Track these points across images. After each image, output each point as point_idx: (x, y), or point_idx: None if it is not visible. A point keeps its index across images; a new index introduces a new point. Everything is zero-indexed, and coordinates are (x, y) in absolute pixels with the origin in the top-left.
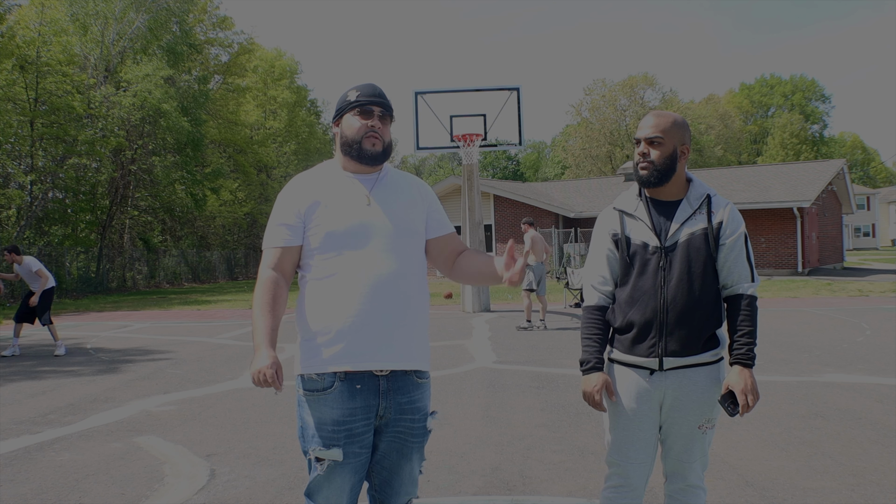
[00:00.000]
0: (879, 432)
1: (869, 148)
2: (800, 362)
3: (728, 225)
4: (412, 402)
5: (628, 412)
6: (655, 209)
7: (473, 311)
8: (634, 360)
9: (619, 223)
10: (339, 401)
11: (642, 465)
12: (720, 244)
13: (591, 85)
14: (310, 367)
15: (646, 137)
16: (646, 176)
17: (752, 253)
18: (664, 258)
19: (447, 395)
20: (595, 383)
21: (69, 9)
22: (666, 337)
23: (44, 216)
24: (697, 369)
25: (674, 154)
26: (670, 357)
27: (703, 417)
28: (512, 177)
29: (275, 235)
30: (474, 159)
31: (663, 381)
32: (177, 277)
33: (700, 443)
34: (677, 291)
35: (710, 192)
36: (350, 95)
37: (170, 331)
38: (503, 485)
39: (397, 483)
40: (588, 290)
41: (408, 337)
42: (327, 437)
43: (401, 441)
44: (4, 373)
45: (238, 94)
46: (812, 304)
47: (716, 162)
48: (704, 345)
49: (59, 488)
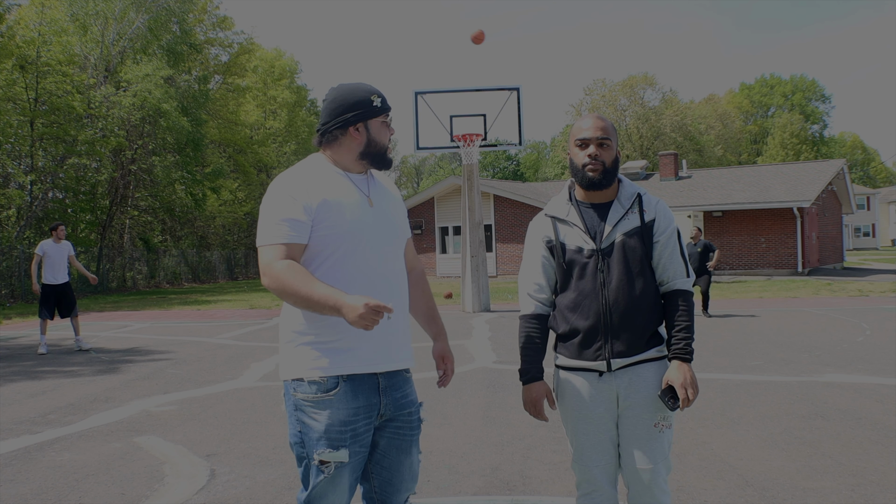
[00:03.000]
0: (879, 432)
1: (869, 148)
2: (800, 362)
3: (660, 222)
4: (406, 396)
5: (582, 417)
6: (588, 212)
7: (473, 311)
8: (582, 364)
9: (553, 229)
10: (344, 401)
11: (606, 467)
12: (654, 242)
13: (591, 85)
14: (311, 370)
15: (596, 139)
16: (597, 178)
17: (684, 248)
18: (601, 261)
19: (447, 395)
20: (535, 393)
21: (69, 9)
22: (612, 339)
23: (44, 216)
24: (646, 365)
25: (617, 156)
26: (617, 358)
27: (658, 415)
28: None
29: (277, 231)
30: (474, 159)
31: (613, 380)
32: (177, 277)
33: (658, 443)
34: (618, 293)
35: (639, 191)
36: (375, 101)
37: (170, 331)
38: (503, 485)
39: (398, 480)
40: (524, 298)
41: (403, 336)
42: (335, 439)
43: (399, 436)
44: (4, 373)
45: (238, 94)
46: (812, 304)
47: (716, 162)
48: (649, 342)
49: (59, 488)
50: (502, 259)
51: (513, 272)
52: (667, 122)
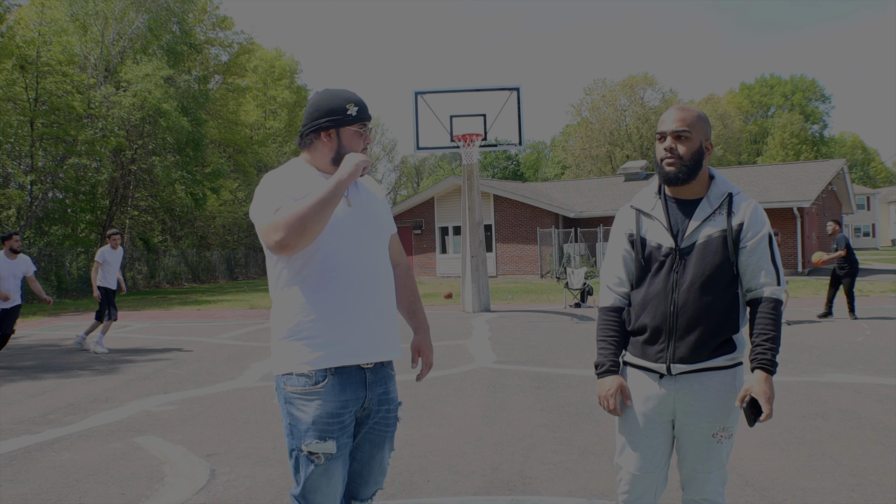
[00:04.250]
0: (879, 432)
1: (869, 148)
2: (800, 362)
3: (750, 226)
4: (388, 393)
5: (637, 416)
6: (674, 208)
7: (473, 311)
8: (644, 364)
9: (636, 223)
10: (331, 394)
11: (648, 476)
12: (741, 247)
13: (591, 85)
14: (300, 364)
15: (672, 131)
16: (673, 172)
17: (777, 254)
18: (678, 260)
19: (447, 395)
20: (609, 387)
21: (69, 9)
22: (675, 342)
23: (44, 216)
24: (710, 373)
25: (700, 149)
26: (678, 363)
27: (718, 425)
28: (512, 177)
29: (270, 209)
30: (474, 159)
31: (673, 384)
32: (177, 277)
33: (716, 453)
34: (688, 296)
35: (732, 191)
36: (350, 109)
37: (170, 331)
38: (503, 485)
39: (367, 473)
40: (604, 290)
41: (391, 329)
42: (322, 431)
43: (375, 431)
44: (4, 373)
45: (238, 94)
46: (812, 304)
47: (716, 162)
48: (717, 349)
49: (59, 488)
50: (502, 259)
51: (513, 272)
52: None
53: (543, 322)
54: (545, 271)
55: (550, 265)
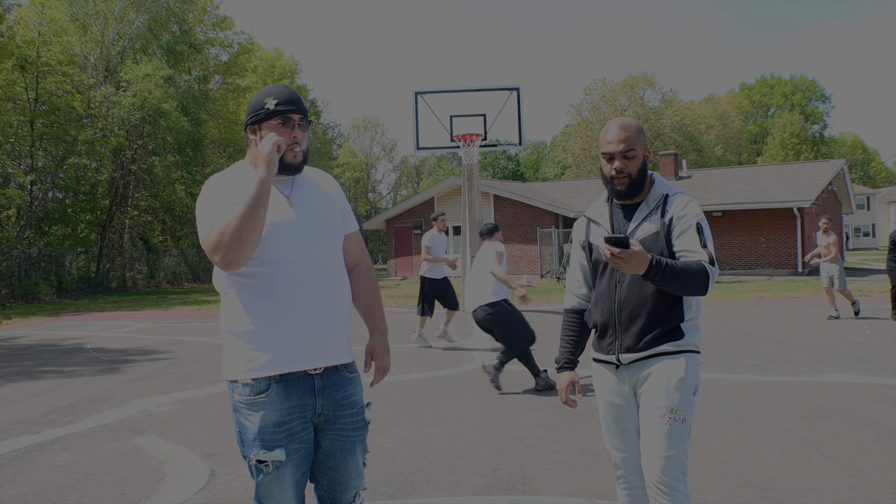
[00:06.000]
0: (879, 432)
1: (869, 148)
2: (800, 362)
3: (678, 219)
4: (348, 398)
5: (606, 405)
6: (618, 214)
7: None
8: (602, 357)
9: (586, 231)
10: (276, 402)
11: (629, 456)
12: (673, 240)
13: (591, 85)
14: (244, 372)
15: (619, 153)
16: (626, 191)
17: (709, 240)
18: None
19: (447, 395)
20: (562, 382)
21: (69, 9)
22: (621, 334)
23: (44, 216)
24: (655, 359)
25: (644, 162)
26: (625, 353)
27: (664, 406)
28: (512, 177)
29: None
30: (474, 159)
31: (625, 373)
32: (177, 277)
33: (666, 435)
34: (629, 291)
35: (669, 192)
36: (268, 103)
37: (170, 331)
38: (503, 485)
39: (345, 479)
40: (566, 293)
41: (337, 333)
42: (268, 440)
43: (343, 438)
44: (4, 373)
45: (238, 94)
46: (812, 304)
47: (716, 162)
48: (662, 337)
49: (59, 488)
50: None
51: (512, 272)
52: (667, 122)
53: (543, 322)
54: (545, 271)
55: (550, 265)
